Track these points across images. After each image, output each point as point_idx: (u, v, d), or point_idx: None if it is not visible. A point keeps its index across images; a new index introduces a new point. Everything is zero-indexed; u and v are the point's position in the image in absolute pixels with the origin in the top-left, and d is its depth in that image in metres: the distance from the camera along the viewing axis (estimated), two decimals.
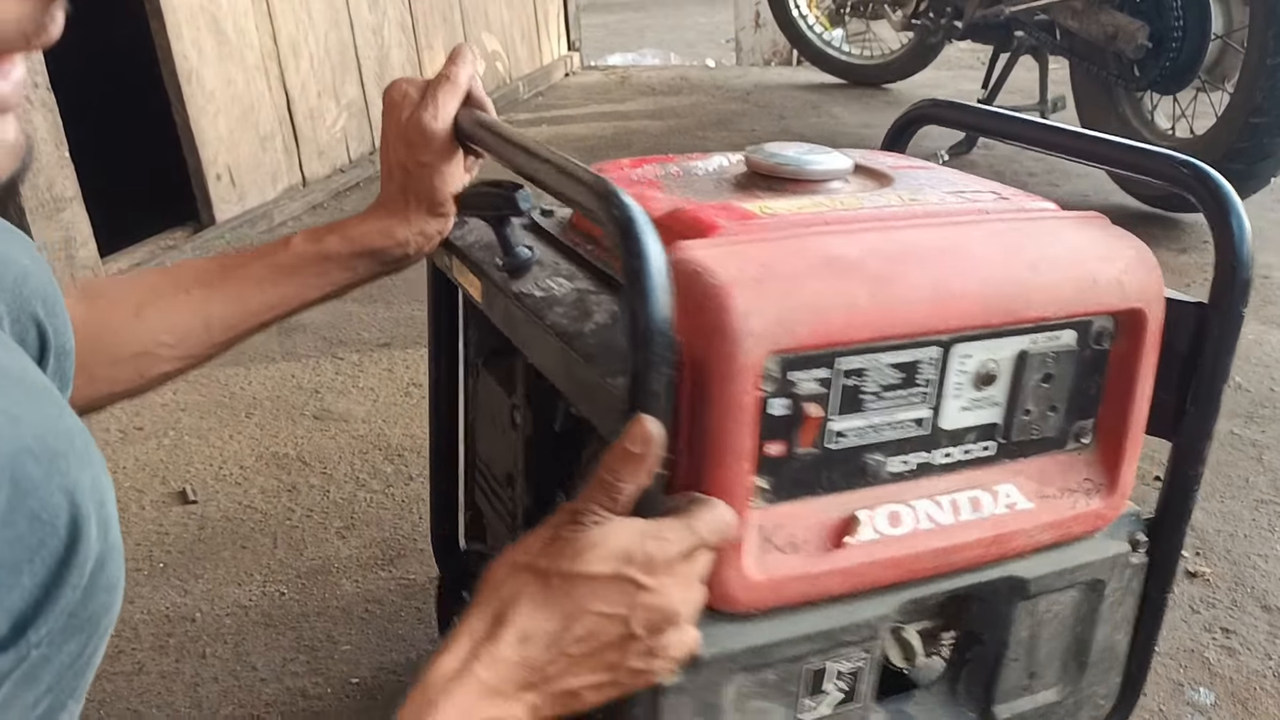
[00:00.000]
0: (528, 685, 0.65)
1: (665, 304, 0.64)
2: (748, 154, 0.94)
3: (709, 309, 0.69)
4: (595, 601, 0.65)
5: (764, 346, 0.70)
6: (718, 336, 0.69)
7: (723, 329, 0.69)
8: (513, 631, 0.64)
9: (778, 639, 0.79)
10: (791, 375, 0.72)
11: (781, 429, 0.74)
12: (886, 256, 0.76)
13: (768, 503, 0.76)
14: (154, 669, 1.34)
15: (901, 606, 0.83)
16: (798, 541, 0.76)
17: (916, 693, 0.95)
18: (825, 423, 0.75)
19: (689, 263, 0.71)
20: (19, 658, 0.48)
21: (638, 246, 0.64)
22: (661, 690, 0.76)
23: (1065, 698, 0.95)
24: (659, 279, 0.64)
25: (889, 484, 0.80)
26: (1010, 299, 0.78)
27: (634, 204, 0.66)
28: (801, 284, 0.72)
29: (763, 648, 0.78)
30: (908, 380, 0.77)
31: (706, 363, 0.70)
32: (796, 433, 0.74)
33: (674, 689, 0.76)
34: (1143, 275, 0.82)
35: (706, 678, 0.77)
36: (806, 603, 0.79)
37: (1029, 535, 0.85)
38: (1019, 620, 0.89)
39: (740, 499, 0.73)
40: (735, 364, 0.69)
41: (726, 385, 0.70)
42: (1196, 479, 0.91)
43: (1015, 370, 0.81)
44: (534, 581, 0.65)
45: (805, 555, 0.77)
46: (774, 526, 0.76)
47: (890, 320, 0.74)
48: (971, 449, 0.83)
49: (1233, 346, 0.86)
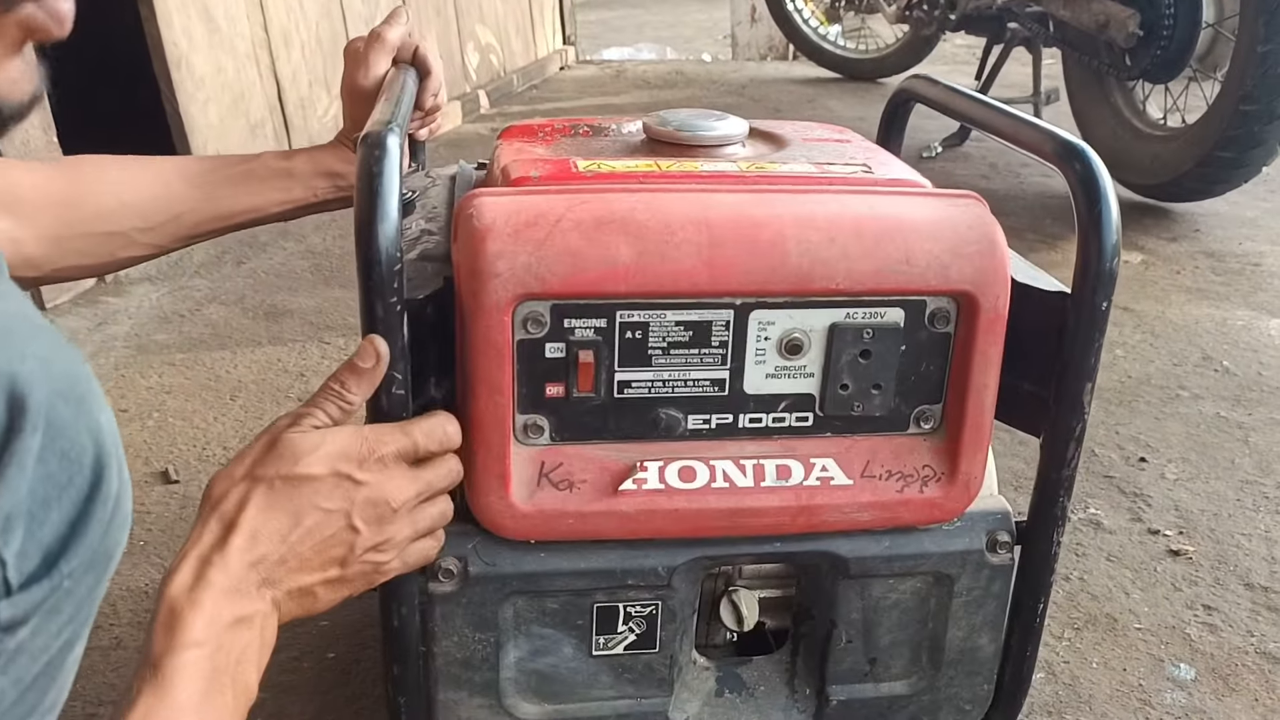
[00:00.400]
0: (265, 583, 0.69)
1: (388, 239, 0.70)
2: (644, 120, 0.97)
3: (467, 250, 0.75)
4: (318, 499, 0.70)
5: (512, 289, 0.74)
6: (470, 276, 0.75)
7: (475, 269, 0.74)
8: (242, 534, 0.68)
9: (552, 570, 0.84)
10: (568, 322, 0.77)
11: (559, 372, 0.78)
12: (678, 218, 0.76)
13: (552, 442, 0.81)
14: (131, 644, 1.33)
15: (696, 561, 0.86)
16: (575, 481, 0.81)
17: (756, 660, 0.96)
18: (603, 371, 0.79)
19: (467, 208, 0.76)
20: (51, 588, 0.51)
21: (368, 185, 0.70)
22: (434, 599, 0.83)
23: (917, 693, 0.94)
24: (383, 216, 0.70)
25: (688, 440, 0.82)
26: (802, 269, 0.77)
27: (387, 152, 0.71)
28: (564, 235, 0.75)
29: (536, 575, 0.83)
30: (698, 340, 0.79)
31: (464, 300, 0.75)
32: (574, 377, 0.78)
33: (446, 598, 0.83)
34: (977, 259, 0.79)
35: (478, 593, 0.83)
36: (589, 541, 0.83)
37: (843, 512, 0.84)
38: (846, 600, 0.89)
39: (497, 430, 0.78)
40: (484, 302, 0.74)
41: (477, 321, 0.75)
42: (1063, 483, 0.86)
43: (828, 342, 0.81)
44: (258, 487, 0.69)
45: (581, 495, 0.81)
46: (554, 464, 0.81)
47: (658, 278, 0.76)
48: (785, 417, 0.83)
49: (1094, 340, 0.81)
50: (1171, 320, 2.31)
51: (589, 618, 0.86)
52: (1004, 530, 0.89)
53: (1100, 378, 2.06)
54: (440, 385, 0.81)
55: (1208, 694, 1.24)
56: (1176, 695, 1.24)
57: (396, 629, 0.83)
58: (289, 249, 2.75)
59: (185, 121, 2.82)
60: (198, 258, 2.68)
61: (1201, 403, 1.94)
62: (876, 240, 0.78)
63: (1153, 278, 2.56)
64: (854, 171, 0.89)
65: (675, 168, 0.87)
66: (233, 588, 0.67)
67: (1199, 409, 1.92)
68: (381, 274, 0.71)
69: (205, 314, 2.37)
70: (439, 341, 0.79)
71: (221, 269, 2.64)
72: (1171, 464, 1.73)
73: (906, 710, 0.94)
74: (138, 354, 2.16)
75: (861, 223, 0.78)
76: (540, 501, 0.80)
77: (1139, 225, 2.91)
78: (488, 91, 4.53)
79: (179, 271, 2.60)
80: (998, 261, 0.80)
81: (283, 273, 2.62)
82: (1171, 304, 2.40)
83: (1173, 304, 2.40)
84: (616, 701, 0.90)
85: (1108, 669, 1.27)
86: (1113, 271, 0.79)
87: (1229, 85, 2.58)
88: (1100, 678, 1.26)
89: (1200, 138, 2.65)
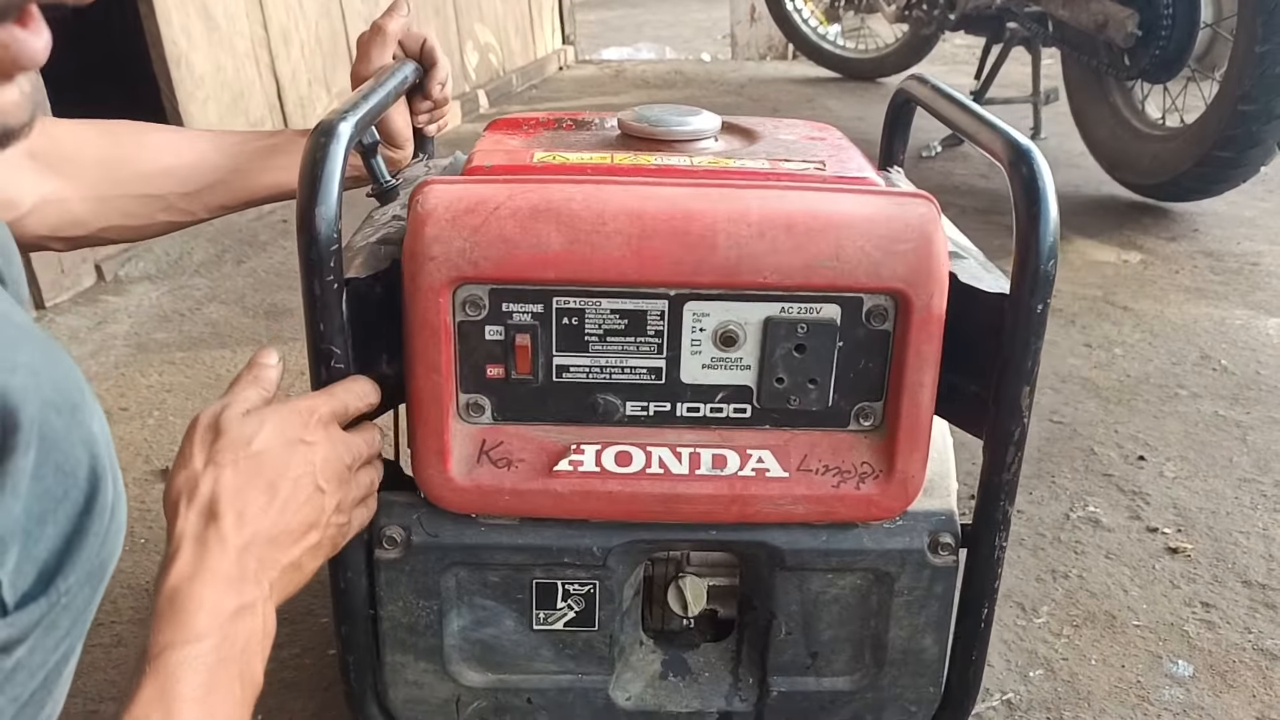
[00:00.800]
0: (260, 567, 0.69)
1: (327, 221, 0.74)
2: (619, 115, 0.99)
3: (410, 234, 0.78)
4: (284, 469, 0.72)
5: (447, 272, 0.77)
6: (410, 258, 0.78)
7: (414, 252, 0.78)
8: (228, 518, 0.68)
9: (492, 543, 0.88)
10: (506, 306, 0.80)
11: (499, 354, 0.81)
12: (612, 209, 0.78)
13: (493, 421, 0.84)
14: (132, 642, 1.33)
15: (631, 544, 0.89)
16: (514, 459, 0.84)
17: (704, 646, 0.98)
18: (540, 354, 0.81)
19: (416, 194, 0.79)
20: (49, 605, 0.50)
21: (310, 170, 0.75)
22: (380, 564, 0.87)
23: (860, 690, 0.94)
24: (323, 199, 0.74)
25: (626, 426, 0.85)
26: (730, 262, 0.78)
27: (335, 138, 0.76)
28: (500, 223, 0.77)
29: (476, 548, 0.88)
30: (634, 329, 0.81)
31: (406, 281, 0.79)
32: (512, 359, 0.81)
33: (390, 564, 0.87)
34: (910, 257, 0.78)
35: (421, 562, 0.88)
36: (529, 519, 0.87)
37: (777, 504, 0.85)
38: (784, 591, 0.90)
39: (435, 406, 0.81)
40: (421, 284, 0.78)
41: (415, 302, 0.78)
42: (1003, 486, 0.85)
43: (763, 335, 0.81)
44: (223, 471, 0.70)
45: (519, 473, 0.84)
46: (495, 442, 0.84)
47: (588, 267, 0.78)
48: (722, 408, 0.84)
49: (1031, 342, 0.79)
50: (1170, 319, 2.31)
51: (529, 593, 0.90)
52: (947, 532, 0.88)
53: (1099, 376, 2.07)
54: (391, 363, 0.84)
55: (1206, 690, 1.24)
56: (1175, 692, 1.24)
57: (344, 590, 0.88)
58: (289, 248, 2.76)
59: (184, 120, 2.82)
60: (198, 257, 2.68)
61: (1200, 401, 1.95)
62: (808, 235, 0.78)
63: (1151, 277, 2.56)
64: (806, 168, 0.90)
65: (628, 161, 0.89)
66: (233, 575, 0.67)
67: (1197, 407, 1.92)
68: (320, 253, 0.75)
69: (205, 313, 2.37)
70: (388, 320, 0.82)
71: (221, 268, 2.65)
72: (1170, 462, 1.74)
73: (850, 707, 0.95)
74: (138, 353, 2.17)
75: (794, 218, 0.79)
76: (478, 477, 0.84)
77: (1138, 225, 2.91)
78: (487, 91, 4.54)
79: (179, 270, 2.60)
80: (933, 260, 0.79)
81: (283, 272, 2.62)
82: (1170, 303, 2.40)
83: (1171, 303, 2.40)
84: (558, 676, 0.93)
85: (1106, 666, 1.28)
86: (1049, 274, 0.77)
87: (1227, 85, 2.58)
88: (1099, 674, 1.26)
89: (1199, 137, 2.66)
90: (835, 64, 5.00)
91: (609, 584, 0.90)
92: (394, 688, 0.93)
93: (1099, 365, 2.09)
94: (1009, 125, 0.86)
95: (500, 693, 0.94)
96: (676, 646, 0.98)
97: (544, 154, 0.91)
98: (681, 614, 0.94)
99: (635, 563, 0.92)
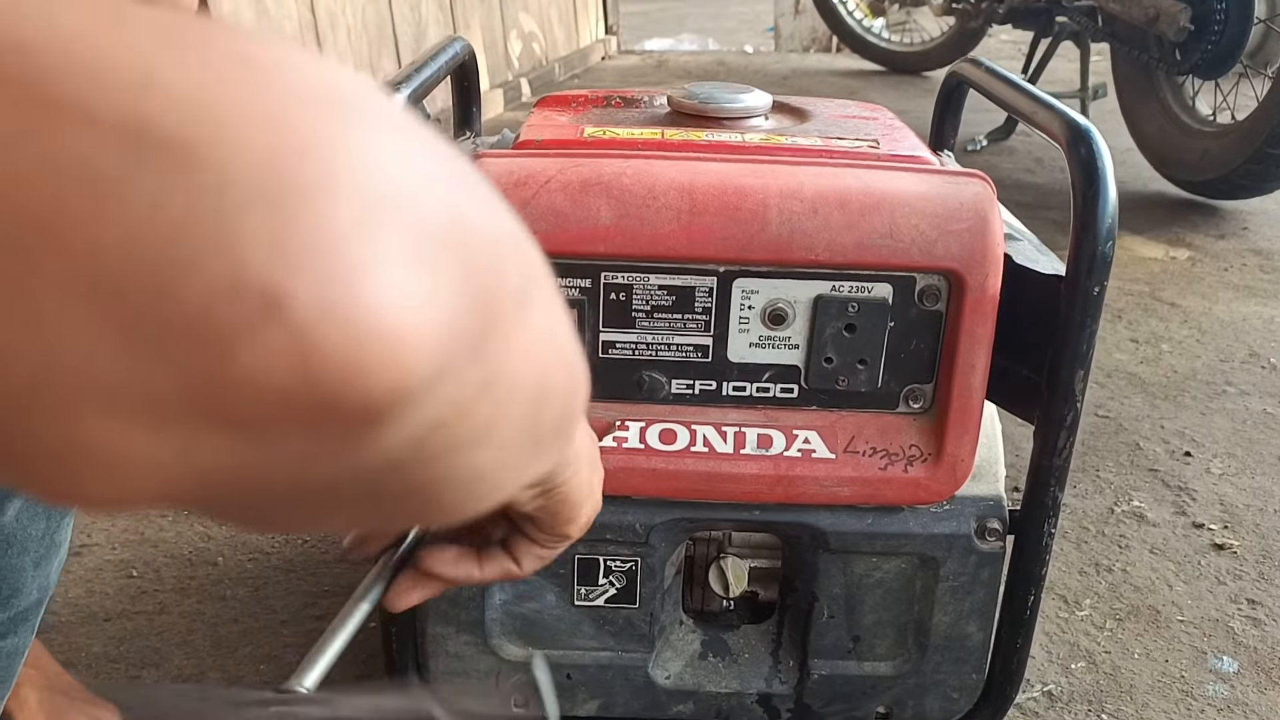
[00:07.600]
0: None
1: None
2: (670, 92, 0.99)
3: None
4: None
5: None
6: None
7: None
8: None
9: None
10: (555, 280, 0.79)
11: None
12: (662, 183, 0.78)
13: None
14: (175, 610, 1.35)
15: (674, 522, 0.88)
16: None
17: (744, 628, 0.97)
18: (587, 329, 0.81)
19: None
20: None
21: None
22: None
23: (901, 675, 0.93)
24: None
25: (672, 404, 0.84)
26: (782, 239, 0.77)
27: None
28: (550, 196, 0.77)
29: None
30: (682, 305, 0.81)
31: None
32: None
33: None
34: (965, 236, 0.77)
35: None
36: None
37: (822, 486, 0.84)
38: (828, 574, 0.90)
39: None
40: None
41: None
42: (1054, 472, 0.84)
43: (812, 314, 0.81)
44: None
45: None
46: None
47: (636, 241, 0.77)
48: (769, 388, 0.84)
49: (1086, 325, 0.79)
50: (1218, 316, 2.28)
51: (570, 568, 0.90)
52: (995, 518, 0.88)
53: (1145, 371, 2.05)
54: None
55: (1250, 687, 1.23)
56: (1219, 687, 1.22)
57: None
58: None
59: None
60: None
61: (1248, 399, 1.92)
62: (861, 212, 0.77)
63: (1200, 274, 2.53)
64: (860, 146, 0.89)
65: (679, 137, 0.89)
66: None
67: (1245, 405, 1.90)
68: None
69: None
70: None
71: None
72: (1217, 459, 1.71)
73: (891, 692, 0.94)
74: None
75: (847, 195, 0.78)
76: None
77: (1187, 222, 2.87)
78: (529, 79, 4.54)
79: None
80: (989, 240, 0.78)
81: None
82: (1218, 300, 2.37)
83: (1220, 300, 2.37)
84: (598, 652, 0.94)
85: (1149, 660, 1.26)
86: (1106, 256, 0.77)
87: None
88: (1142, 668, 1.25)
89: (1250, 134, 2.62)
90: (880, 57, 4.96)
91: (650, 561, 0.90)
92: (435, 659, 0.94)
93: (1145, 360, 2.07)
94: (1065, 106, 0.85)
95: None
96: (716, 627, 0.98)
97: (594, 129, 0.91)
98: (722, 594, 0.94)
99: (677, 541, 0.92)
